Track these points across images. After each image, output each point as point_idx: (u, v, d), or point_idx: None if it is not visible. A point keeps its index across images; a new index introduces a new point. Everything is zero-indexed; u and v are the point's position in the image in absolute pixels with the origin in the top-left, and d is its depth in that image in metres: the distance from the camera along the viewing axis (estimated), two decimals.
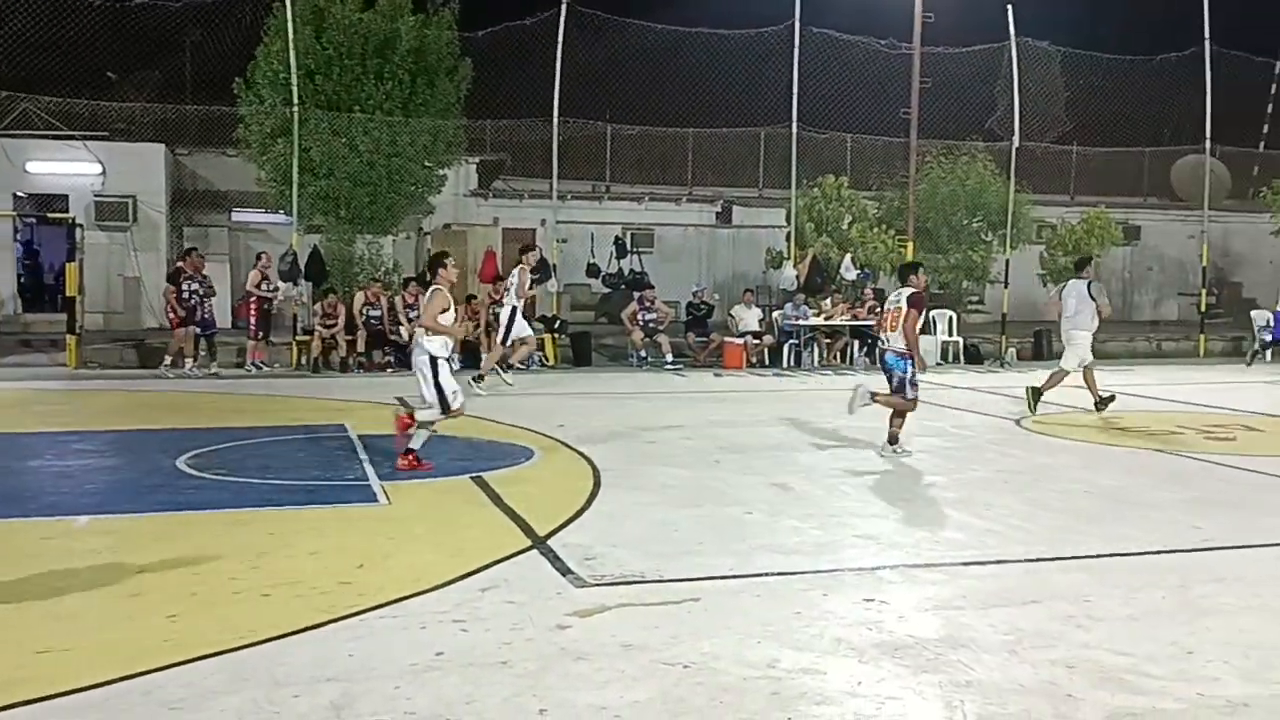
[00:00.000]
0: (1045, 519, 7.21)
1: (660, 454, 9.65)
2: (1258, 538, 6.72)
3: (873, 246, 20.29)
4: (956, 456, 9.70)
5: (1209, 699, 4.16)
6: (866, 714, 4.00)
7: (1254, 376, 17.61)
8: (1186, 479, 8.70)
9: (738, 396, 14.56)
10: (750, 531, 6.81)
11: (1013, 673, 4.41)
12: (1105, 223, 21.83)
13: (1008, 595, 5.47)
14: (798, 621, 5.03)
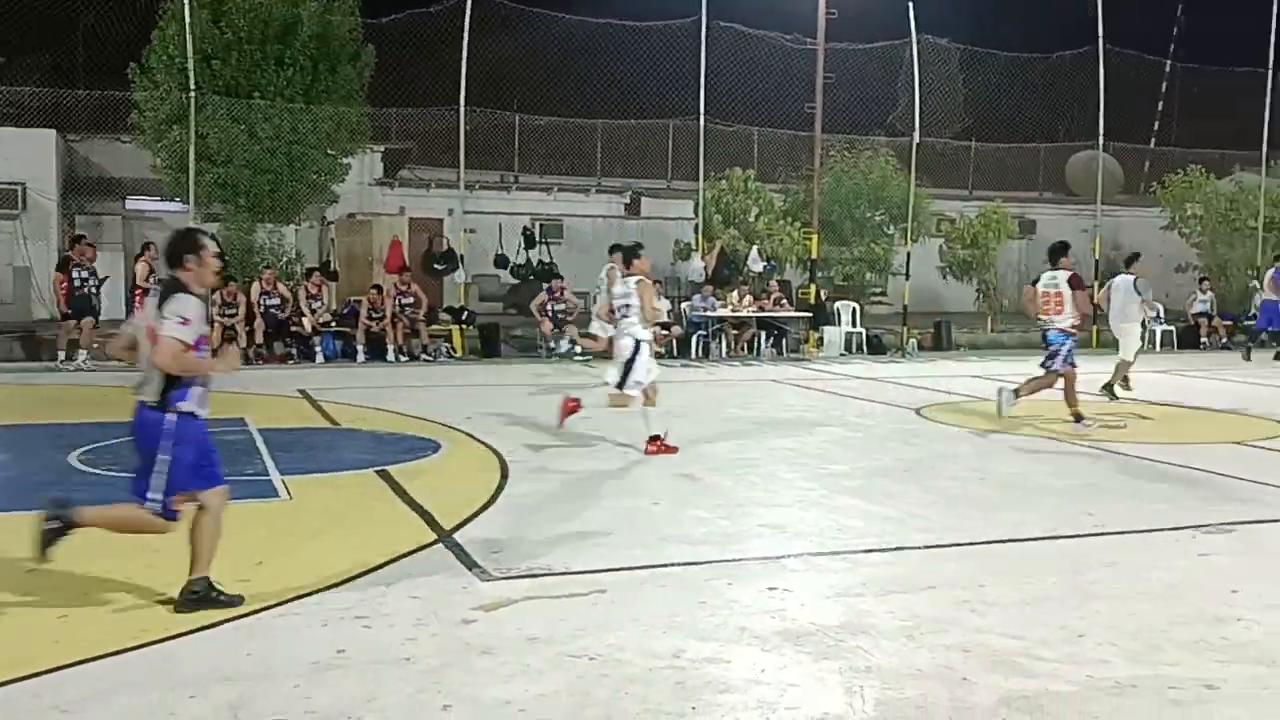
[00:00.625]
0: (943, 507, 7.37)
1: (569, 446, 9.64)
2: (1146, 523, 6.95)
3: (779, 239, 20.52)
4: (859, 446, 9.87)
5: (1098, 680, 4.30)
6: (769, 701, 4.05)
7: (1143, 366, 18.18)
8: (1077, 465, 8.98)
9: None
10: (657, 522, 6.85)
11: (910, 658, 4.51)
12: (1002, 217, 22.37)
13: (906, 582, 5.59)
14: (703, 611, 5.08)
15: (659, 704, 4.02)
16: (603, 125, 25.87)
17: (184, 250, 5.06)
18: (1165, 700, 4.12)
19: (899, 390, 14.32)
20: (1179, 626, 4.92)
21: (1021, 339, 22.34)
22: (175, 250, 5.09)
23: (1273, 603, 5.28)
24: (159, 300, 4.90)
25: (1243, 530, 6.76)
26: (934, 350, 20.69)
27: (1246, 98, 23.81)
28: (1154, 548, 6.38)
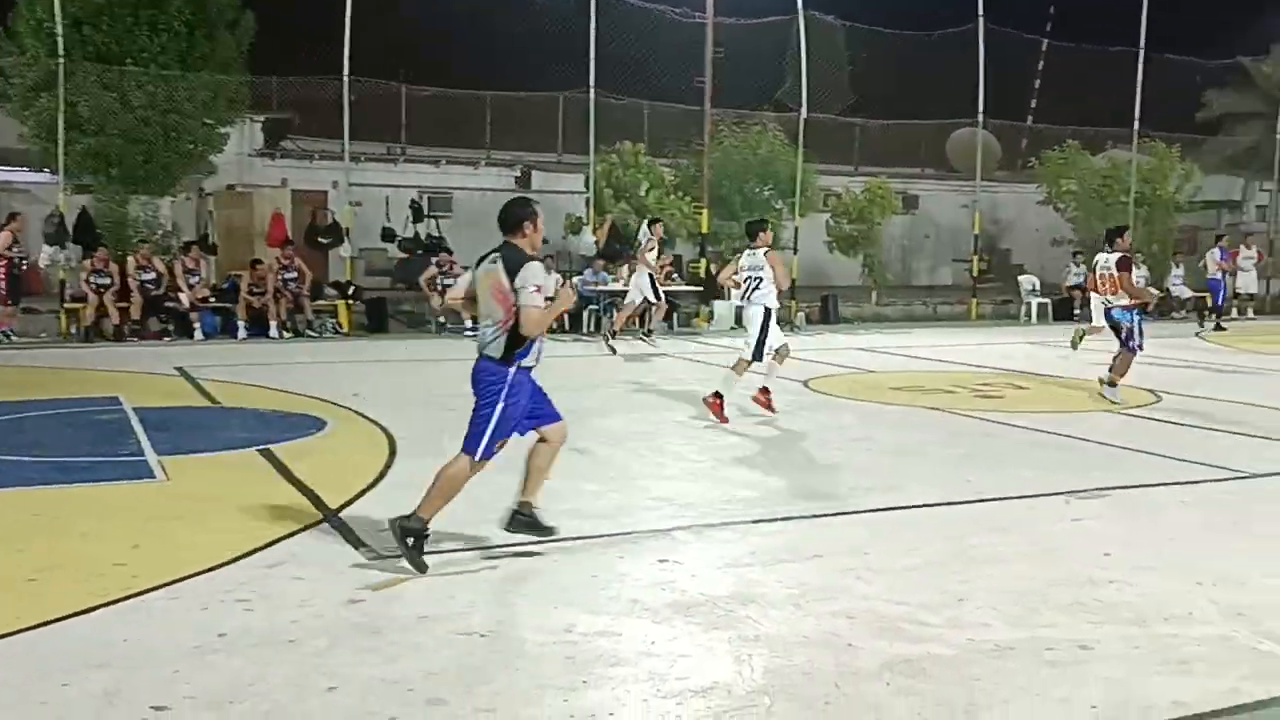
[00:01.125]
0: (829, 476, 7.50)
1: (459, 422, 9.37)
2: (1023, 489, 7.16)
3: (670, 213, 20.56)
4: (748, 418, 9.96)
5: (978, 644, 4.42)
6: (659, 673, 4.07)
7: (1020, 337, 18.80)
8: (959, 435, 9.22)
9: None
10: (549, 497, 6.75)
11: (798, 626, 4.58)
12: (886, 192, 22.82)
13: (794, 551, 5.67)
14: (594, 585, 5.08)
15: (550, 678, 4.00)
16: (492, 97, 25.53)
17: (523, 217, 5.49)
18: (1042, 661, 4.25)
19: (787, 363, 14.46)
20: (1055, 589, 5.09)
21: (905, 312, 22.90)
22: (515, 218, 5.51)
23: (1143, 565, 5.50)
24: (505, 267, 5.29)
25: (1115, 495, 7.02)
26: (821, 324, 21.04)
27: (1119, 76, 24.63)
28: (1031, 513, 6.58)
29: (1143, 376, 13.14)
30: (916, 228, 29.46)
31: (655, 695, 3.88)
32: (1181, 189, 25.07)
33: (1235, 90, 28.15)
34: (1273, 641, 4.46)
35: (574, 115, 22.73)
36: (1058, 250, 25.20)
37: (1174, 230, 25.17)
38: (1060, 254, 24.83)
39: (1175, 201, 24.97)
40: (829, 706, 3.81)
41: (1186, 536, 6.05)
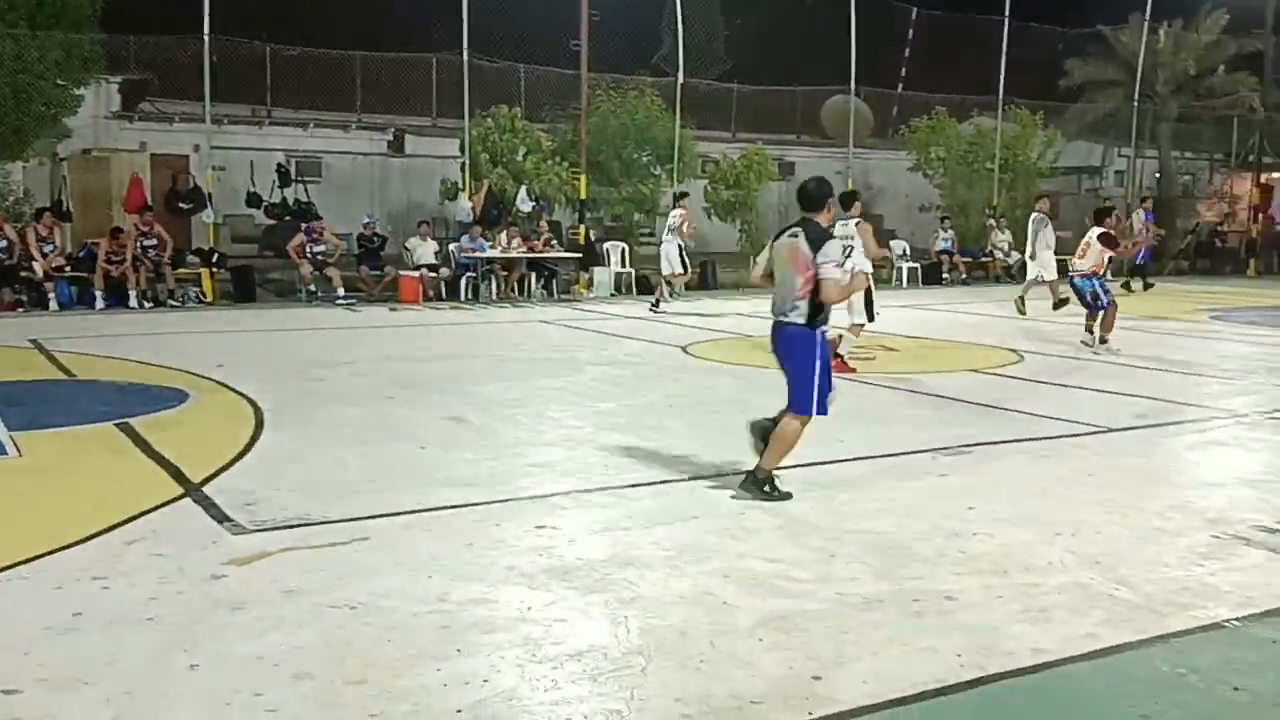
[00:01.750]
0: (706, 439, 7.56)
1: (329, 391, 9.32)
2: (892, 447, 7.34)
3: (547, 179, 20.39)
4: (627, 383, 9.98)
5: (848, 598, 4.50)
6: (535, 638, 4.04)
7: (891, 300, 19.21)
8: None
9: (413, 331, 14.31)
10: (423, 466, 6.72)
11: (673, 586, 4.60)
12: (763, 159, 22.98)
13: (671, 513, 5.70)
14: (470, 553, 5.01)
15: (422, 648, 3.94)
16: (362, 58, 24.86)
17: (826, 196, 6.19)
18: (909, 612, 4.36)
19: (666, 329, 14.57)
20: (921, 543, 5.22)
21: None
22: (819, 196, 6.15)
23: (1004, 517, 5.68)
24: (808, 241, 5.90)
25: (978, 450, 7.24)
26: (700, 289, 21.14)
27: (985, 45, 25.26)
28: (899, 470, 6.74)
29: (1004, 337, 13.60)
30: (793, 194, 29.71)
31: (531, 660, 3.85)
32: (1044, 155, 25.87)
33: (1095, 59, 29.10)
34: (1126, 588, 4.65)
35: (448, 78, 22.29)
36: (927, 216, 25.78)
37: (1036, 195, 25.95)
38: (929, 219, 25.41)
39: (1038, 168, 25.76)
40: (704, 664, 3.84)
41: (1045, 489, 6.27)
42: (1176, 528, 5.53)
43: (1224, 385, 10.11)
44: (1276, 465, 7.04)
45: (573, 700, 3.57)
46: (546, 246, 19.37)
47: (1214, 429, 8.09)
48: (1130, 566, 4.91)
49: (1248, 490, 6.31)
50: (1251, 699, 3.64)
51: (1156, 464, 6.98)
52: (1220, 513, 5.81)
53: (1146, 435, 7.85)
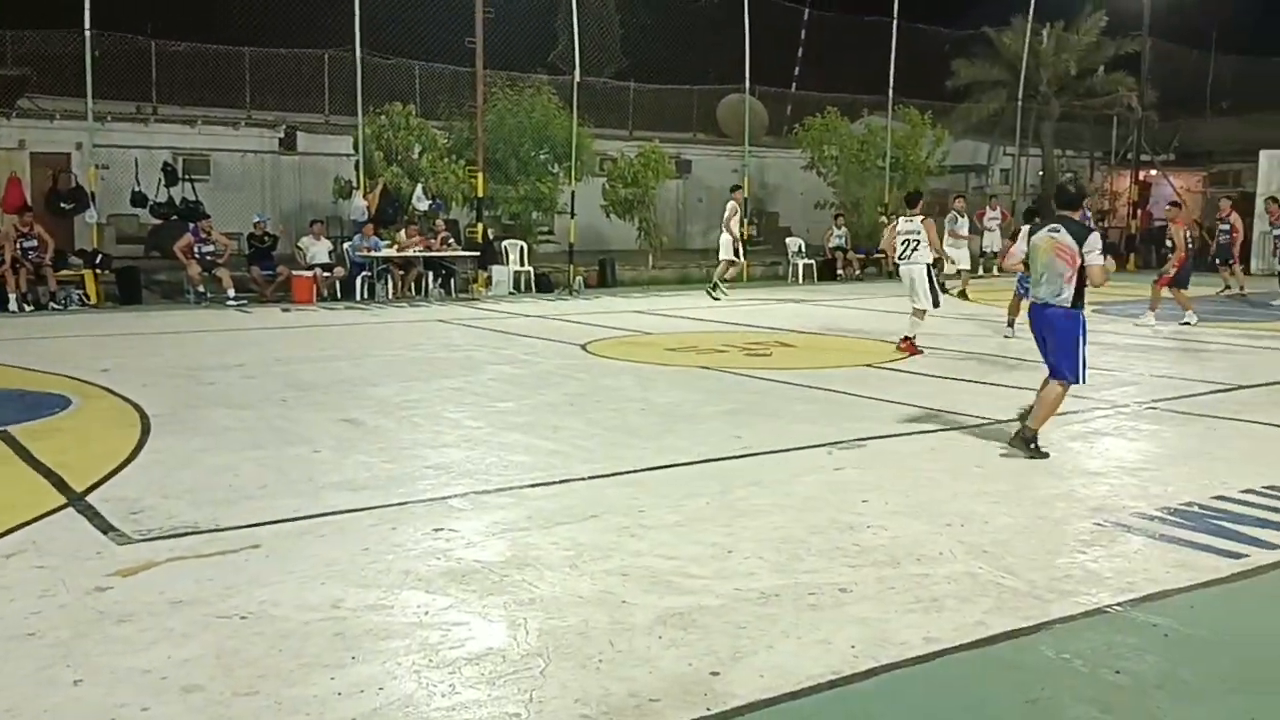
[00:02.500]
0: (606, 437, 7.56)
1: (219, 395, 9.10)
2: (788, 442, 7.43)
3: (444, 177, 20.17)
4: (526, 382, 9.93)
5: (745, 593, 4.55)
6: (432, 643, 4.00)
7: (788, 297, 19.50)
8: (729, 392, 9.47)
9: (307, 332, 14.03)
10: (317, 470, 6.59)
11: (573, 586, 4.60)
12: (660, 157, 23.09)
13: (571, 513, 5.69)
14: (365, 558, 4.94)
15: (316, 656, 3.87)
16: (251, 53, 24.30)
17: (1082, 197, 7.55)
18: (805, 605, 4.42)
19: (566, 327, 14.55)
20: (816, 536, 5.30)
21: (680, 274, 23.32)
22: (1076, 197, 7.41)
23: (896, 509, 5.80)
24: (1071, 236, 6.93)
25: (872, 444, 7.38)
26: (600, 287, 21.19)
27: (875, 45, 25.76)
28: (795, 465, 6.83)
29: (892, 332, 13.88)
30: (690, 192, 30.01)
31: (427, 666, 3.81)
32: (932, 154, 26.48)
33: (981, 60, 29.89)
34: (1013, 576, 4.79)
35: (341, 74, 21.88)
36: (821, 213, 26.19)
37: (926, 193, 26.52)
38: (823, 217, 25.82)
39: (927, 166, 26.36)
40: (603, 664, 3.84)
41: (936, 481, 6.42)
42: (1061, 516, 5.71)
43: (1104, 377, 10.46)
44: (1155, 454, 7.31)
45: (470, 705, 3.54)
46: (444, 245, 19.19)
47: (1095, 419, 8.38)
48: (1017, 555, 5.06)
49: (1128, 478, 6.54)
50: (1133, 682, 3.78)
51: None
52: (1102, 501, 6.01)
53: None
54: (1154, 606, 4.46)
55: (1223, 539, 5.31)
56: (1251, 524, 5.56)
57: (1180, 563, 4.98)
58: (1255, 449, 7.37)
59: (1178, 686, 3.75)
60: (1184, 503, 5.96)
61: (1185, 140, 31.95)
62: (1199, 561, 4.99)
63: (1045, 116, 29.89)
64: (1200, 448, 7.42)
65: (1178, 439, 7.75)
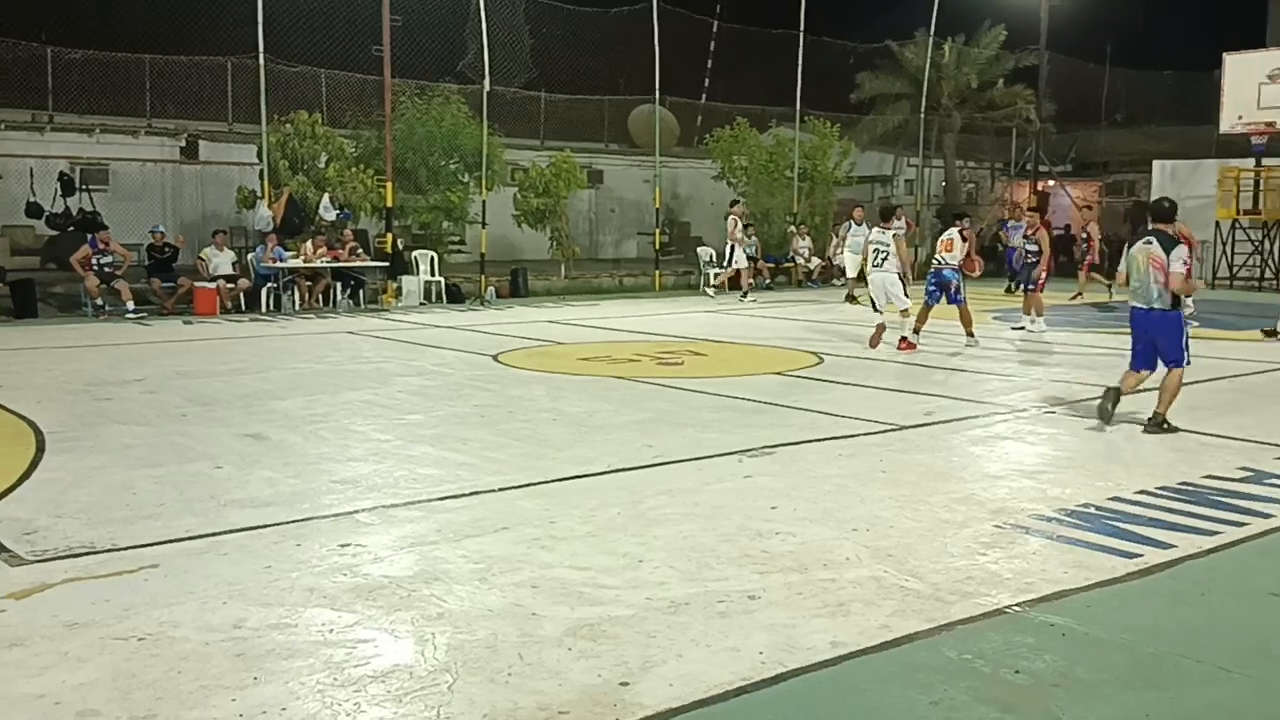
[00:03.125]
0: (517, 448, 7.53)
1: (117, 411, 8.85)
2: (699, 451, 7.47)
3: (351, 186, 19.90)
4: (436, 394, 9.84)
5: (655, 602, 4.57)
6: (337, 661, 3.94)
7: (700, 306, 19.64)
8: (641, 402, 9.50)
9: (210, 345, 13.71)
10: (219, 487, 6.45)
11: (482, 599, 4.57)
12: (572, 166, 23.07)
13: (480, 525, 5.65)
14: (268, 576, 4.84)
15: (216, 678, 3.78)
16: (152, 61, 23.72)
17: (1175, 211, 8.41)
18: (714, 613, 4.45)
19: (477, 337, 14.46)
20: (726, 544, 5.34)
21: (592, 284, 23.34)
22: (1173, 212, 8.33)
23: (805, 516, 5.87)
24: (1161, 245, 8.00)
25: (781, 452, 7.46)
26: (511, 297, 21.11)
27: (781, 58, 26.09)
28: (705, 473, 6.88)
29: (800, 340, 14.07)
30: (602, 201, 30.05)
31: (332, 685, 3.75)
32: (840, 165, 26.90)
33: (885, 73, 30.47)
34: (916, 579, 4.88)
35: (244, 82, 21.47)
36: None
37: (833, 203, 26.95)
38: None
39: (834, 176, 26.77)
40: (512, 677, 3.82)
41: (843, 487, 6.51)
42: (962, 519, 5.83)
43: (1004, 382, 10.74)
44: (1053, 457, 7.51)
45: None
46: (352, 255, 18.93)
47: (996, 424, 8.58)
48: (920, 558, 5.15)
49: (1027, 481, 6.71)
50: (1031, 681, 3.87)
51: (944, 459, 7.34)
52: (1002, 504, 6.16)
53: (935, 432, 8.25)
54: (1052, 606, 4.57)
55: (1118, 539, 5.48)
56: (1145, 524, 5.74)
57: (1077, 563, 5.12)
58: (1149, 450, 7.61)
59: (1075, 685, 3.85)
60: (1081, 504, 6.13)
61: (1082, 151, 32.97)
62: (1095, 562, 5.14)
63: (947, 128, 30.58)
64: (1096, 450, 7.64)
65: (1074, 442, 7.97)
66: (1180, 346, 8.16)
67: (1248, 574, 5.08)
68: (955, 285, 13.38)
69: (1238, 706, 3.70)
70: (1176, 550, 5.31)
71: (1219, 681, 3.88)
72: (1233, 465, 7.09)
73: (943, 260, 13.60)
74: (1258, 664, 4.02)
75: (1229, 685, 3.86)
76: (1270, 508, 6.08)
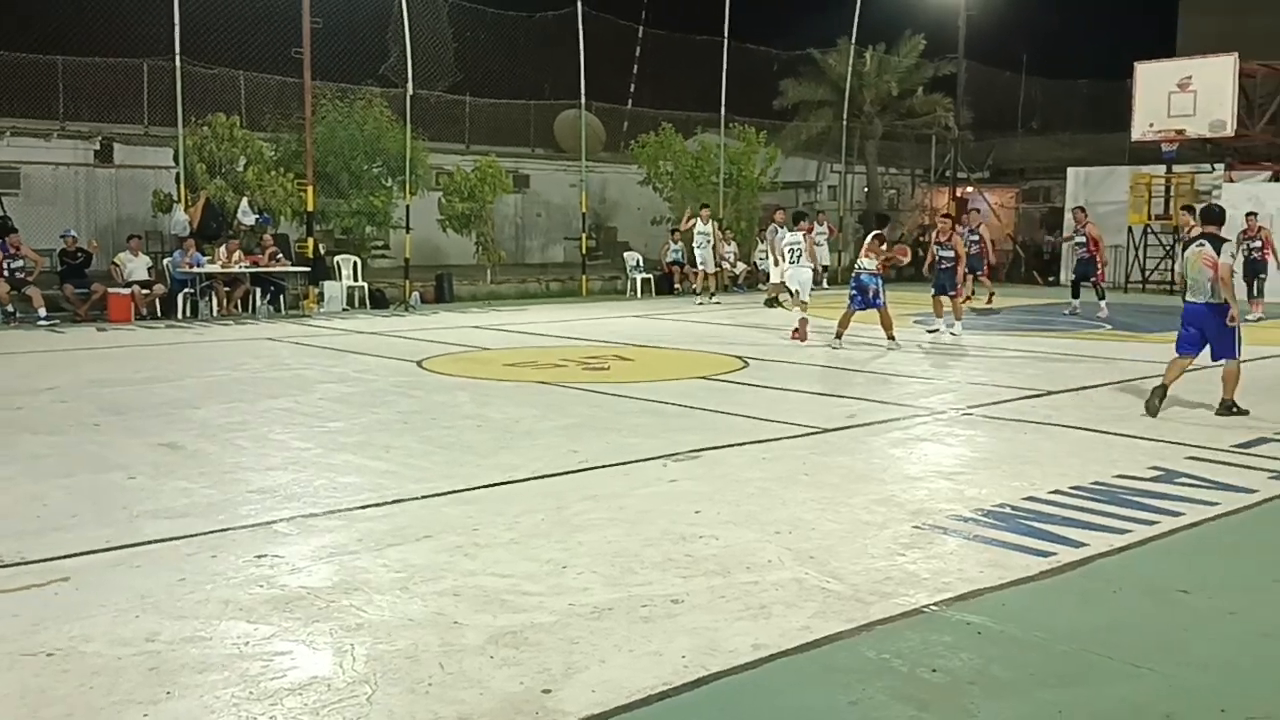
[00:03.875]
0: (440, 455, 7.47)
1: (28, 421, 8.61)
2: (624, 456, 7.48)
3: (271, 190, 19.60)
4: (358, 401, 9.72)
5: (578, 608, 4.56)
6: (253, 675, 3.86)
7: (626, 311, 19.66)
8: (566, 407, 9.48)
9: (125, 352, 13.40)
10: (133, 498, 6.31)
11: (403, 609, 4.52)
12: (497, 171, 22.98)
13: (402, 534, 5.59)
14: (182, 589, 4.74)
15: (129, 693, 3.69)
16: (65, 62, 23.11)
17: (1224, 218, 9.28)
18: (637, 618, 4.45)
19: (401, 343, 14.32)
20: (649, 549, 5.35)
21: (519, 289, 23.26)
22: (1223, 217, 9.26)
23: (729, 519, 5.90)
24: (1212, 246, 8.86)
25: (706, 456, 7.50)
26: (436, 303, 20.93)
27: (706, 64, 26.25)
28: (630, 478, 6.88)
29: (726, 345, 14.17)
30: (528, 206, 29.96)
31: (247, 698, 3.68)
32: (765, 171, 27.14)
33: (808, 80, 30.79)
34: (837, 580, 4.93)
35: (161, 84, 21.03)
36: (658, 229, 26.52)
37: (758, 209, 27.18)
38: (660, 232, 26.15)
39: (760, 182, 26.99)
40: (432, 687, 3.78)
41: (766, 490, 6.56)
42: (882, 521, 5.91)
43: (924, 385, 10.92)
44: (971, 458, 7.65)
45: None
46: (271, 260, 18.63)
47: (915, 426, 8.72)
48: (840, 560, 5.21)
49: (945, 482, 6.83)
50: (948, 679, 3.94)
51: (865, 461, 7.44)
52: (920, 504, 6.26)
53: (856, 434, 8.36)
54: (968, 605, 4.65)
55: (1032, 538, 5.59)
56: (1059, 523, 5.87)
57: (993, 562, 5.22)
58: (1062, 451, 7.78)
59: (990, 682, 3.92)
60: (997, 504, 6.25)
61: (999, 158, 33.63)
62: (1010, 560, 5.25)
63: (869, 135, 30.99)
64: (1012, 451, 7.80)
65: (991, 443, 8.13)
66: (1231, 344, 8.93)
67: (1157, 572, 5.22)
68: (874, 290, 13.69)
69: (1146, 702, 3.79)
70: (1089, 549, 5.43)
71: (1129, 678, 3.98)
72: (1144, 465, 7.28)
73: (862, 266, 13.95)
74: (1166, 660, 4.13)
75: (1138, 681, 3.95)
76: (1180, 506, 6.24)
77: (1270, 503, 6.40)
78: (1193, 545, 5.63)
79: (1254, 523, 6.05)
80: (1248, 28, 31.38)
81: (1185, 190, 25.05)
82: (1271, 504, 6.38)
